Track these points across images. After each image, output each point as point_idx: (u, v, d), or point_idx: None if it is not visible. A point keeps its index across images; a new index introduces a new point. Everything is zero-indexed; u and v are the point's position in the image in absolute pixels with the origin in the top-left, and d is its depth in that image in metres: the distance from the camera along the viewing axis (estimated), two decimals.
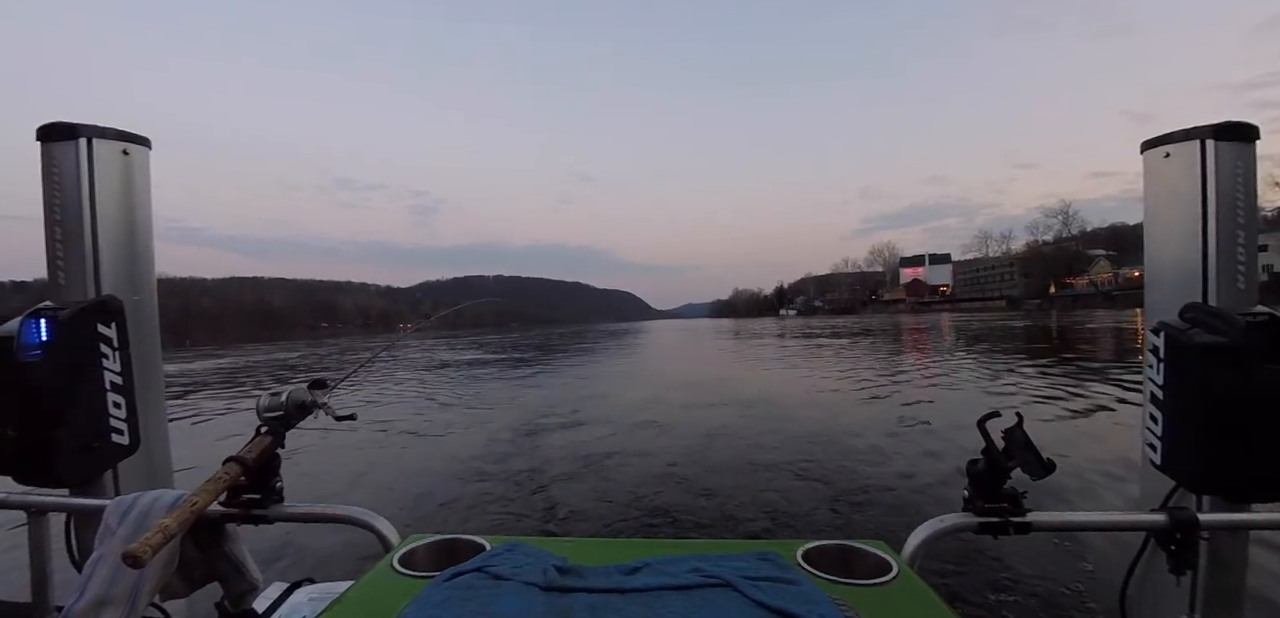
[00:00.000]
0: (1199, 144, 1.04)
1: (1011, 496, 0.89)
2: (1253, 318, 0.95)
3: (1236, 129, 1.03)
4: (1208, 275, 1.04)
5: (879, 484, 4.27)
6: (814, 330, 37.00)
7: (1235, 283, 1.03)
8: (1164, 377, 1.01)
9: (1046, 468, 0.83)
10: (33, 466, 1.08)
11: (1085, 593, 2.51)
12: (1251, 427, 0.91)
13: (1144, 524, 0.95)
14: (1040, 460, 0.83)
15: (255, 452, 0.98)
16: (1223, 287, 1.03)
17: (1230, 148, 1.03)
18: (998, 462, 0.87)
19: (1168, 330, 1.00)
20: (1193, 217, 1.05)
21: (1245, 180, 1.03)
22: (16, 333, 1.04)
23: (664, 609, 0.58)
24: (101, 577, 0.87)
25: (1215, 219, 1.03)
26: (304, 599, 1.05)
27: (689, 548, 0.79)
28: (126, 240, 1.24)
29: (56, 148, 1.16)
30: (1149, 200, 1.14)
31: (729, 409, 7.84)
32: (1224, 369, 0.92)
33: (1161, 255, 1.12)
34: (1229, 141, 1.03)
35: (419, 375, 14.59)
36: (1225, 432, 0.92)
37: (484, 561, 0.70)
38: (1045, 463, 0.83)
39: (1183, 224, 1.07)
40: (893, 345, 18.82)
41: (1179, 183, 1.07)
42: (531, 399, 9.97)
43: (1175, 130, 1.08)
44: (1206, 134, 1.04)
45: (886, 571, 0.75)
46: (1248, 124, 1.04)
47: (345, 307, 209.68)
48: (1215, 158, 1.03)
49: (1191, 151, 1.05)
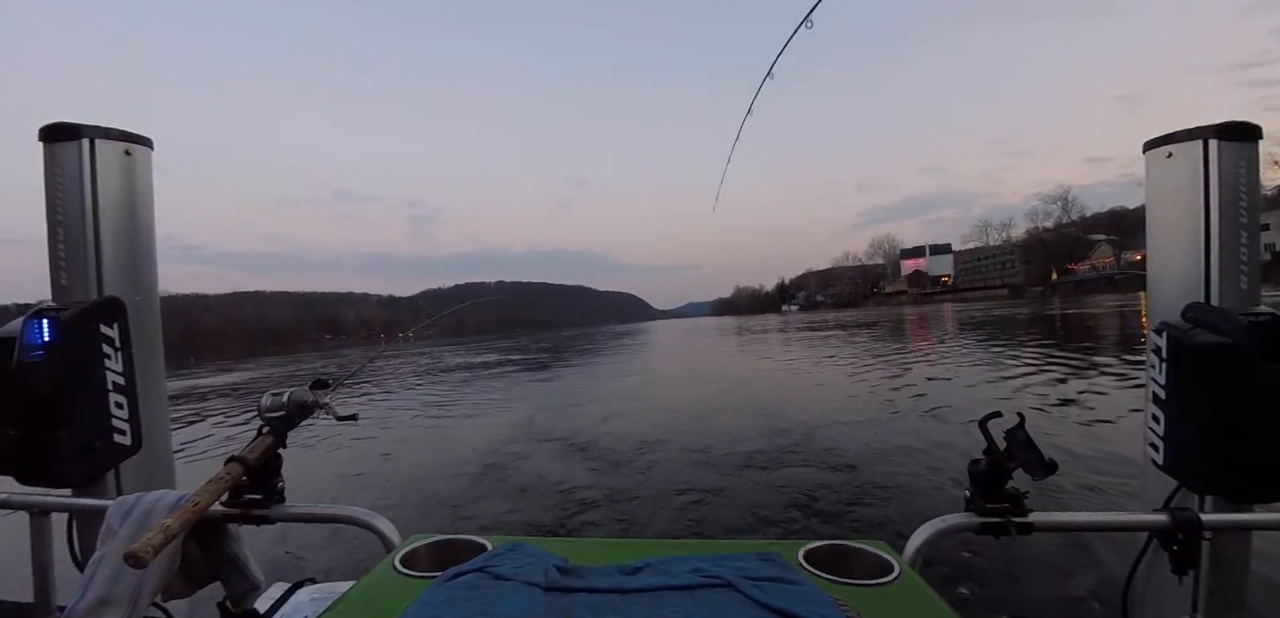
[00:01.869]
0: (1202, 144, 1.04)
1: (1013, 496, 0.89)
2: (1255, 318, 0.95)
3: (1239, 129, 1.03)
4: (1210, 275, 1.04)
5: (881, 483, 4.27)
6: (817, 325, 37.08)
7: (1238, 283, 1.03)
8: (1166, 377, 1.01)
9: (1048, 468, 0.83)
10: (35, 466, 1.08)
11: (1087, 594, 2.51)
12: (1254, 427, 0.91)
13: (1146, 525, 0.95)
14: (1042, 461, 0.83)
15: (257, 452, 0.98)
16: (1225, 287, 1.03)
17: (1233, 148, 1.03)
18: (999, 462, 0.87)
19: (1170, 330, 1.00)
20: (1195, 216, 1.05)
21: (1248, 180, 1.03)
22: (19, 333, 1.05)
23: (665, 610, 0.58)
24: (103, 577, 0.87)
25: (1218, 219, 1.03)
26: (306, 599, 1.05)
27: (690, 548, 0.79)
28: (129, 241, 1.24)
29: (59, 148, 1.16)
30: (1151, 200, 1.14)
31: (734, 406, 7.84)
32: (1226, 369, 0.92)
33: (1164, 255, 1.12)
34: (1232, 141, 1.03)
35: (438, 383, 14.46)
36: (1228, 432, 0.92)
37: (485, 561, 0.70)
38: (1047, 463, 0.83)
39: (1185, 224, 1.07)
40: (897, 338, 18.81)
41: (1181, 183, 1.07)
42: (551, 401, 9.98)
43: (1177, 131, 1.08)
44: (1209, 134, 1.04)
45: (888, 571, 0.75)
46: (1250, 124, 1.04)
47: (348, 318, 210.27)
48: (1218, 158, 1.03)
49: (1194, 151, 1.05)
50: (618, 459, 5.38)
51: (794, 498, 4.06)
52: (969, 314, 35.74)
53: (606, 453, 5.66)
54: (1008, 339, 15.90)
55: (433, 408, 9.77)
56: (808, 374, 11.83)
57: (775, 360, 15.57)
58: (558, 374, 15.53)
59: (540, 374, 15.82)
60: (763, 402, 8.42)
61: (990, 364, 10.93)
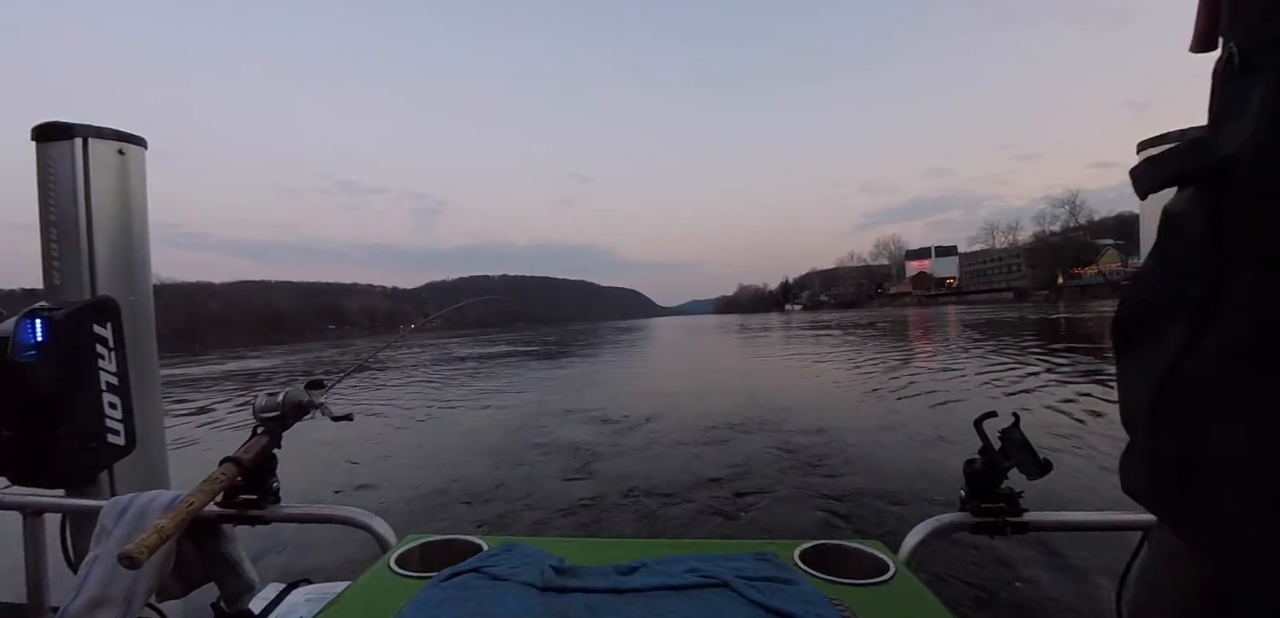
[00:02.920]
0: None
1: (1008, 495, 0.90)
2: None
3: None
4: None
5: (878, 484, 4.28)
6: (819, 324, 37.23)
7: None
8: None
9: (1043, 468, 0.83)
10: (29, 466, 1.08)
11: (1081, 593, 2.52)
12: None
13: (1140, 524, 0.95)
14: (1037, 460, 0.83)
15: (252, 452, 0.98)
16: None
17: None
18: (994, 462, 0.87)
19: None
20: None
21: None
22: (12, 333, 1.04)
23: (661, 609, 0.58)
24: (97, 578, 0.87)
25: None
26: (301, 600, 1.05)
27: (686, 548, 0.79)
28: (122, 240, 1.23)
29: (52, 148, 1.15)
30: (1145, 201, 1.14)
31: (739, 407, 7.85)
32: None
33: None
34: None
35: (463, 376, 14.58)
36: None
37: (481, 561, 0.70)
38: (1042, 463, 0.83)
39: None
40: (899, 339, 18.89)
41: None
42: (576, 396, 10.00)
43: (1170, 131, 1.09)
44: (1203, 133, 1.04)
45: (883, 570, 0.75)
46: None
47: (351, 308, 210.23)
48: None
49: None
50: (618, 450, 5.39)
51: (792, 498, 4.08)
52: (974, 316, 35.94)
53: (607, 445, 5.68)
54: (1013, 341, 16.04)
55: (437, 402, 9.84)
56: (806, 372, 11.87)
57: (772, 358, 15.68)
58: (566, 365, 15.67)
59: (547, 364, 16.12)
60: (760, 398, 8.44)
61: (993, 365, 10.98)
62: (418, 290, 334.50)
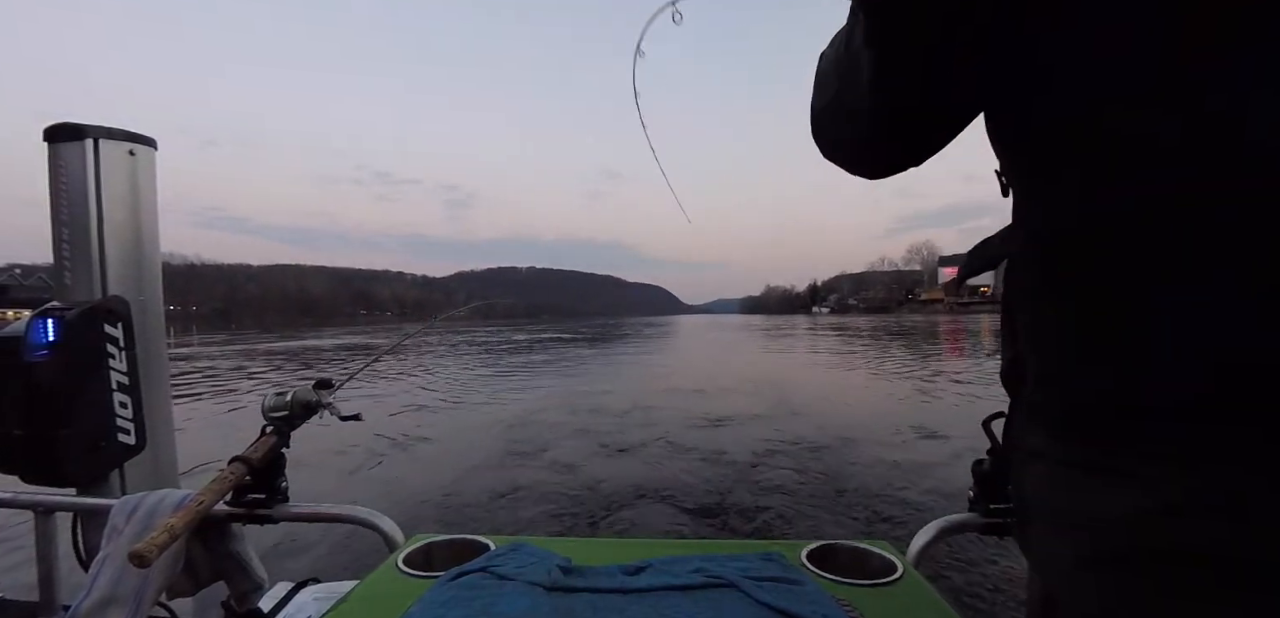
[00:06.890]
0: None
1: None
2: None
3: None
4: None
5: (883, 483, 4.26)
6: (847, 328, 37.18)
7: None
8: None
9: None
10: (40, 465, 1.09)
11: None
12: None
13: None
14: None
15: (260, 452, 0.98)
16: None
17: None
18: (1004, 461, 0.86)
19: None
20: None
21: None
22: (24, 333, 1.05)
23: (668, 610, 0.58)
24: (108, 576, 0.88)
25: None
26: (309, 599, 1.05)
27: (693, 548, 0.79)
28: (133, 241, 1.24)
29: (63, 148, 1.16)
30: None
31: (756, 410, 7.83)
32: None
33: None
34: None
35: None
36: None
37: (488, 560, 0.70)
38: None
39: None
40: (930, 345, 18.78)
41: None
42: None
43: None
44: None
45: (891, 571, 0.75)
46: None
47: (382, 296, 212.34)
48: None
49: None
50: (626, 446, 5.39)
51: (794, 497, 4.06)
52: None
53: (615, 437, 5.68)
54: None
55: (455, 401, 9.91)
56: (827, 376, 11.83)
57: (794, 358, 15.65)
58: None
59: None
60: (773, 396, 8.41)
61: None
62: (447, 279, 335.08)
